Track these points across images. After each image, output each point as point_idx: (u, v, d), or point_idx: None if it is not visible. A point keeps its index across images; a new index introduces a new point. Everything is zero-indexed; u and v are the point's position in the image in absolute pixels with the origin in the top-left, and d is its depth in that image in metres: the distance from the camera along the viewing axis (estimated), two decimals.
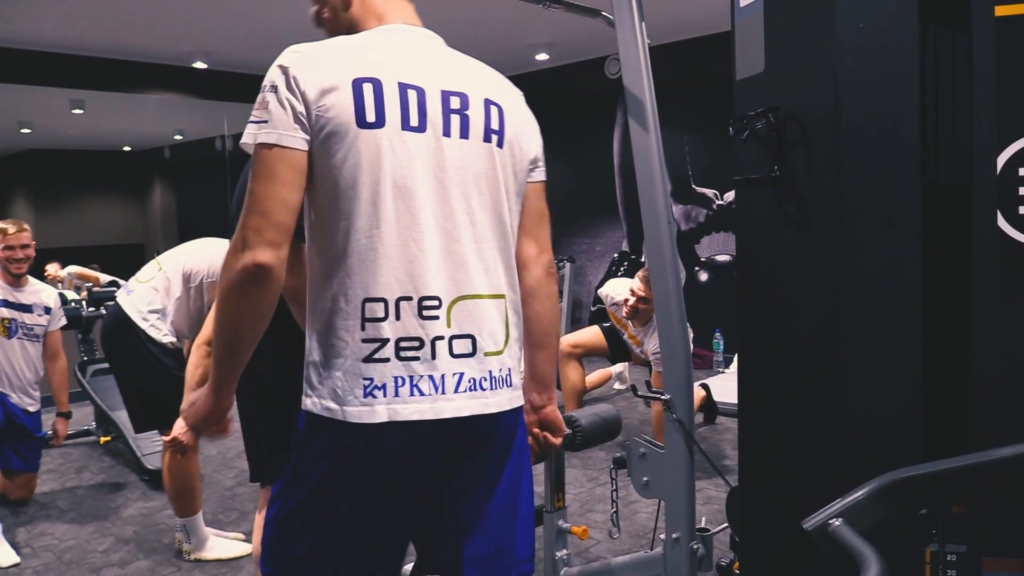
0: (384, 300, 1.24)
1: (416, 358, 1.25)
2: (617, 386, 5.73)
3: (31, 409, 3.76)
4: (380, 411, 1.23)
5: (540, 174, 1.46)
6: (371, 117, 1.24)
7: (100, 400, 4.63)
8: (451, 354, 1.28)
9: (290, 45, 1.28)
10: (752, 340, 1.82)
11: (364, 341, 1.24)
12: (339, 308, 1.25)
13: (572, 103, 7.84)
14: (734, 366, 5.65)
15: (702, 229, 7.01)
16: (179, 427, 2.93)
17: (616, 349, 4.58)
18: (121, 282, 5.38)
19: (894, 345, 1.49)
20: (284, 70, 1.24)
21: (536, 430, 1.56)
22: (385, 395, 1.23)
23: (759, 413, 1.80)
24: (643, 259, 7.28)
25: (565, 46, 6.92)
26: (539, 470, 2.05)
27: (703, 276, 7.02)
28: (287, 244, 1.23)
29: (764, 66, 1.67)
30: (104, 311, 4.77)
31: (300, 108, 1.22)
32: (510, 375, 1.35)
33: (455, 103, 1.32)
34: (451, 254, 1.29)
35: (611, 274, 7.60)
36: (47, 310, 3.79)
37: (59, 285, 6.70)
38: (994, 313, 1.43)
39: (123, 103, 8.33)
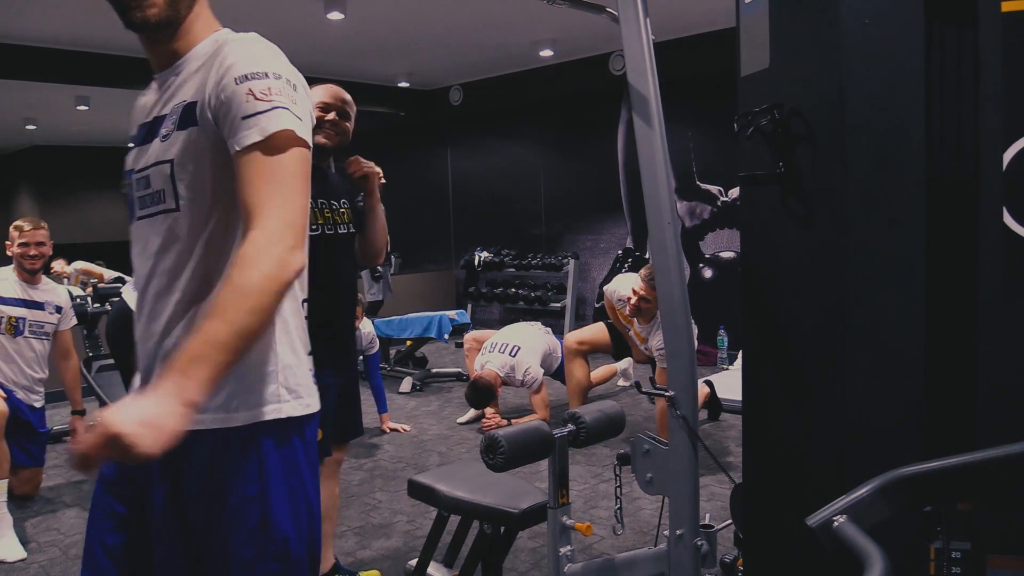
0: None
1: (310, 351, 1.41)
2: (621, 382, 5.73)
3: (36, 405, 3.80)
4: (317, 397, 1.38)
5: None
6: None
7: (105, 396, 4.64)
8: None
9: (289, 45, 1.31)
10: (756, 337, 1.82)
11: (305, 335, 1.37)
12: (298, 308, 1.34)
13: (576, 100, 7.84)
14: (738, 363, 5.64)
15: (706, 226, 7.00)
16: None
17: (620, 345, 4.57)
18: (126, 278, 5.39)
19: (898, 342, 1.49)
20: (300, 81, 1.28)
21: None
22: (315, 382, 1.37)
23: (763, 410, 1.80)
24: (647, 256, 7.27)
25: (569, 43, 6.91)
26: (543, 466, 2.05)
27: (707, 273, 7.01)
28: None
29: (769, 62, 1.67)
30: (109, 307, 4.78)
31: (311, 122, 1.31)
32: None
33: None
34: None
35: (615, 271, 7.59)
36: (58, 309, 3.81)
37: (65, 281, 6.72)
38: (999, 310, 1.42)
39: (128, 99, 8.31)
